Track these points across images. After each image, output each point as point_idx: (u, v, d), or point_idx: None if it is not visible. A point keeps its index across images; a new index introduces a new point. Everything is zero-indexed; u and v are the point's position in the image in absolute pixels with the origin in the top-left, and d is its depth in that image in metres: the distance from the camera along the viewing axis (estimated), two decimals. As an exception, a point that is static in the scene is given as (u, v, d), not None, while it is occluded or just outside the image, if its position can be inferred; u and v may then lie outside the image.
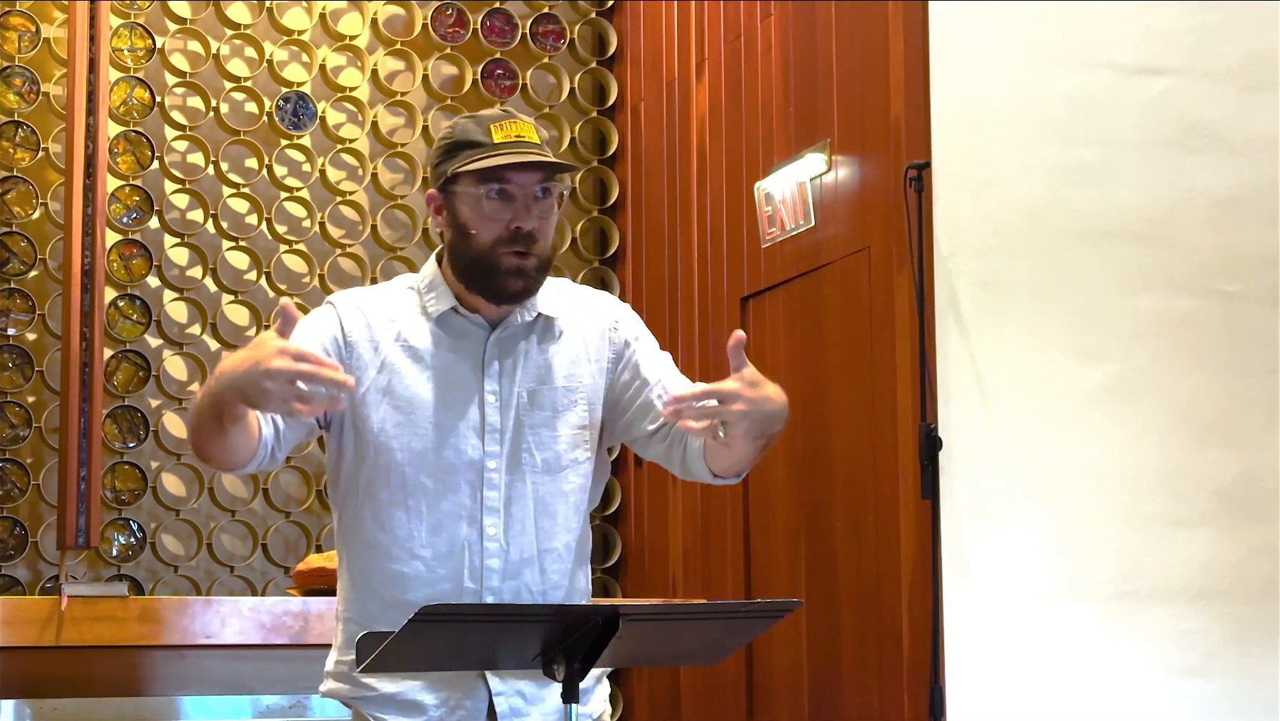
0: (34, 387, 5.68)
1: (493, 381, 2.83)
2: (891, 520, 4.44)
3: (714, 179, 5.56)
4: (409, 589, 2.77)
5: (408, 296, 2.89)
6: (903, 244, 4.40)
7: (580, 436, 2.87)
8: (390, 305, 2.87)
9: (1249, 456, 4.53)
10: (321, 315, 2.87)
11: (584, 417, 2.88)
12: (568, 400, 2.86)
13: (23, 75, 5.75)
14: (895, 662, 4.40)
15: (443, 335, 2.84)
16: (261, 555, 5.85)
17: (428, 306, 2.86)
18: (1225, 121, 4.61)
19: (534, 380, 2.85)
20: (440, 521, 2.79)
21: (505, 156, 2.75)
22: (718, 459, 2.82)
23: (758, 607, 3.19)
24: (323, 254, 6.01)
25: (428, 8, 6.17)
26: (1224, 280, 4.58)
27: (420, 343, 2.84)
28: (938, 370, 4.31)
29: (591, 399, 2.90)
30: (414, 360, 2.82)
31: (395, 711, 2.79)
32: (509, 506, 2.81)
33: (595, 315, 2.95)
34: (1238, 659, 4.44)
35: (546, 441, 2.84)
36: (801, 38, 5.05)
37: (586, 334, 2.92)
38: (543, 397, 2.85)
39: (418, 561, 2.78)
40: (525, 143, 2.78)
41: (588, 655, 2.46)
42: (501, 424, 2.82)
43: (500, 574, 2.80)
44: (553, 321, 2.89)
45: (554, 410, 2.85)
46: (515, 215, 2.77)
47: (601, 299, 3.00)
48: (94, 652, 4.41)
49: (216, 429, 2.59)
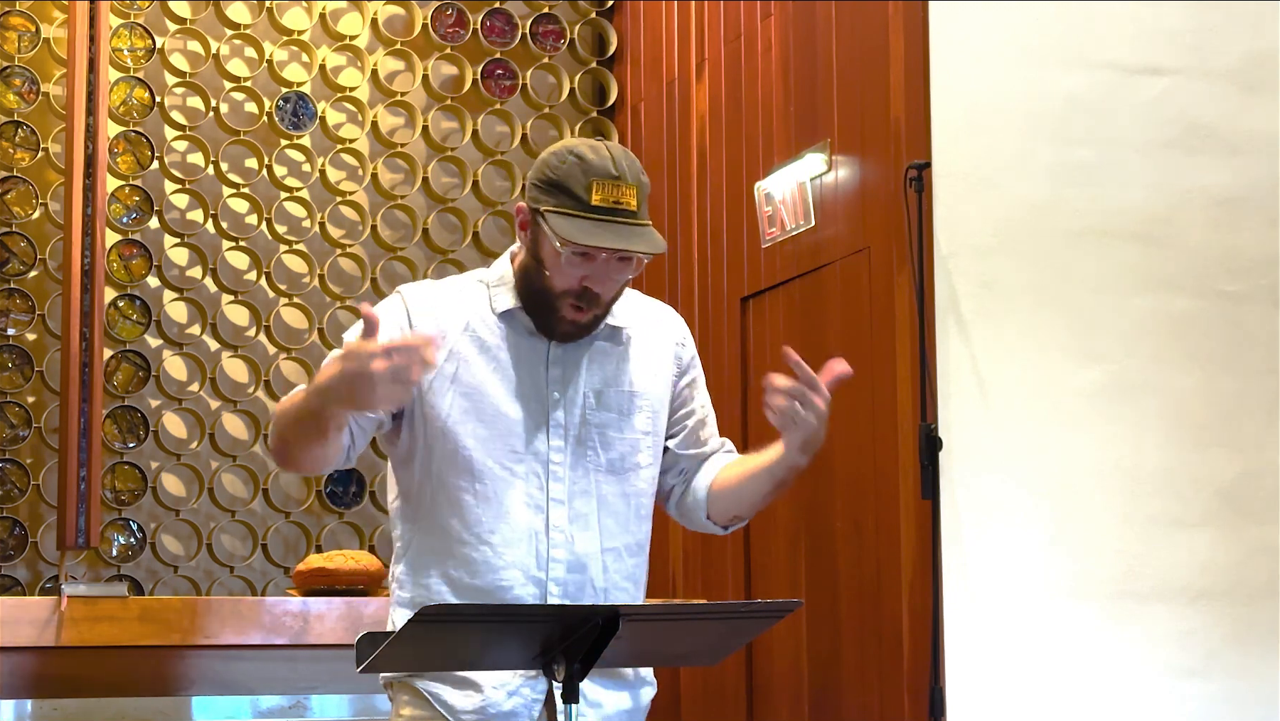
0: (34, 387, 5.68)
1: (557, 379, 2.86)
2: (891, 520, 4.44)
3: (714, 179, 5.56)
4: (476, 573, 2.80)
5: (476, 289, 2.91)
6: (903, 244, 4.40)
7: (644, 441, 2.91)
8: (458, 296, 2.90)
9: (1249, 456, 4.53)
10: (389, 305, 2.89)
11: (648, 424, 2.92)
12: (634, 404, 2.90)
13: (23, 75, 5.75)
14: (895, 662, 4.40)
15: (509, 330, 2.87)
16: (261, 555, 5.85)
17: (494, 301, 2.88)
18: (1225, 121, 4.61)
19: (600, 382, 2.89)
20: (508, 508, 2.81)
21: (593, 235, 2.73)
22: (724, 504, 2.97)
23: (758, 607, 3.19)
24: (323, 254, 6.01)
25: (428, 8, 6.17)
26: (1224, 280, 4.58)
27: (487, 335, 2.86)
28: (938, 370, 4.31)
29: (656, 408, 2.94)
30: (481, 351, 2.85)
31: (452, 685, 2.80)
32: (573, 501, 2.84)
33: (662, 328, 2.99)
34: (1238, 659, 4.44)
35: (612, 442, 2.88)
36: (801, 38, 5.05)
37: (653, 345, 2.96)
38: (609, 399, 2.88)
39: (485, 547, 2.80)
40: (621, 210, 2.76)
41: (588, 655, 2.46)
42: (566, 420, 2.85)
43: (566, 565, 2.82)
44: (619, 330, 2.92)
45: (620, 412, 2.89)
46: (591, 276, 2.78)
47: (666, 312, 3.04)
48: (94, 652, 4.41)
49: (318, 440, 2.68)
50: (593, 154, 2.78)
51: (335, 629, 4.49)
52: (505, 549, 2.80)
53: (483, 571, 2.80)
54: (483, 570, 2.80)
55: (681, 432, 2.99)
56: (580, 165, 2.76)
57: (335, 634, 4.47)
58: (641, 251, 2.77)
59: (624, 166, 2.79)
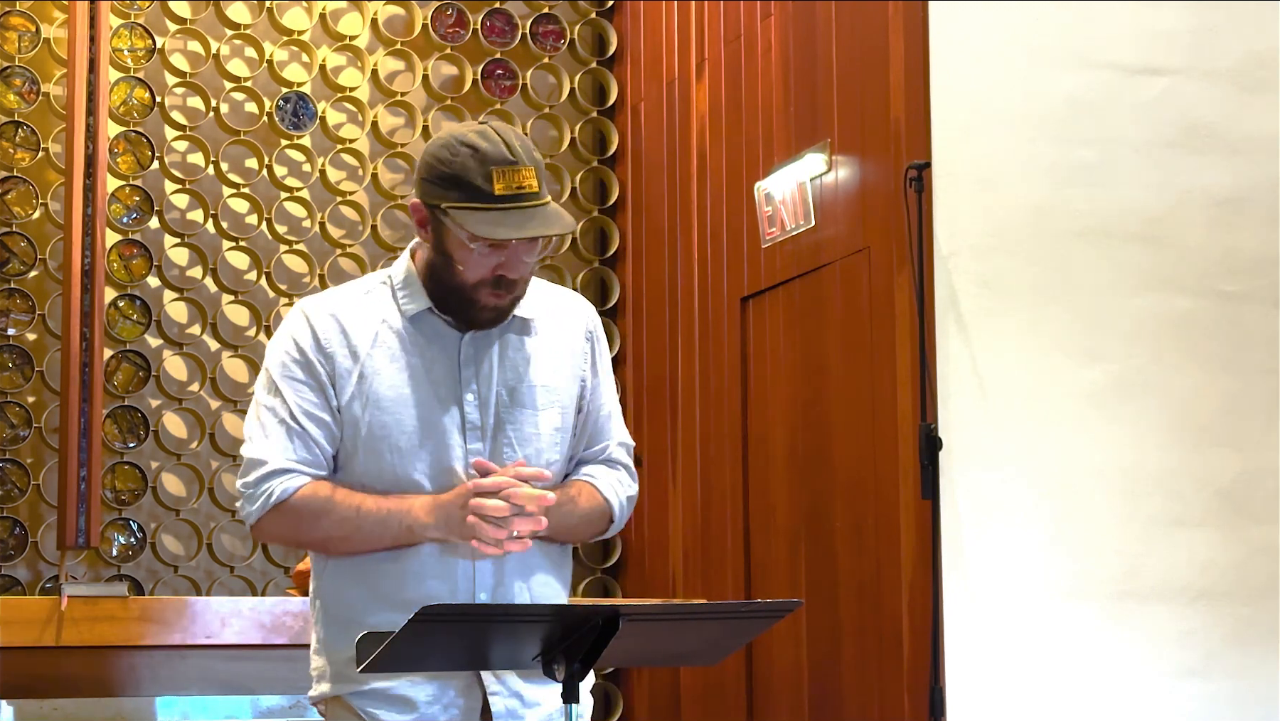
0: (34, 387, 5.68)
1: (470, 379, 2.83)
2: (891, 520, 4.44)
3: (714, 179, 5.56)
4: (405, 586, 2.78)
5: (380, 293, 2.87)
6: (903, 244, 4.40)
7: (555, 437, 2.88)
8: (363, 306, 2.86)
9: (1249, 456, 4.53)
10: (294, 327, 2.87)
11: (559, 418, 2.88)
12: (546, 399, 2.87)
13: (23, 75, 5.75)
14: (895, 662, 4.40)
15: (418, 334, 2.84)
16: (261, 555, 5.85)
17: (403, 306, 2.85)
18: (1225, 121, 4.61)
19: (513, 378, 2.85)
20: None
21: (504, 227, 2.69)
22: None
23: (758, 607, 3.19)
24: (323, 254, 6.01)
25: (428, 8, 6.17)
26: (1224, 280, 4.58)
27: (396, 344, 2.83)
28: (938, 370, 4.31)
29: (565, 404, 2.90)
30: (391, 360, 2.82)
31: (386, 706, 2.79)
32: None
33: (571, 319, 2.95)
34: (1238, 659, 4.44)
35: (528, 438, 2.85)
36: (801, 38, 5.05)
37: (563, 337, 2.92)
38: (522, 395, 2.85)
39: (413, 559, 2.79)
40: (524, 195, 2.70)
41: (588, 655, 2.46)
42: (482, 421, 2.83)
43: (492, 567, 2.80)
44: (528, 322, 2.89)
45: (534, 408, 2.86)
46: (504, 264, 2.75)
47: (575, 301, 2.99)
48: (94, 652, 4.41)
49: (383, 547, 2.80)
50: (484, 141, 2.71)
51: (335, 629, 4.48)
52: (434, 558, 2.79)
53: (411, 583, 2.78)
54: (411, 582, 2.78)
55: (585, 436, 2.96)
56: (475, 155, 2.70)
57: (335, 634, 4.46)
58: (556, 233, 2.75)
59: (518, 149, 2.72)
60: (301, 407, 2.81)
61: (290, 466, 2.81)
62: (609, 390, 2.99)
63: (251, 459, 2.84)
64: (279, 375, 2.85)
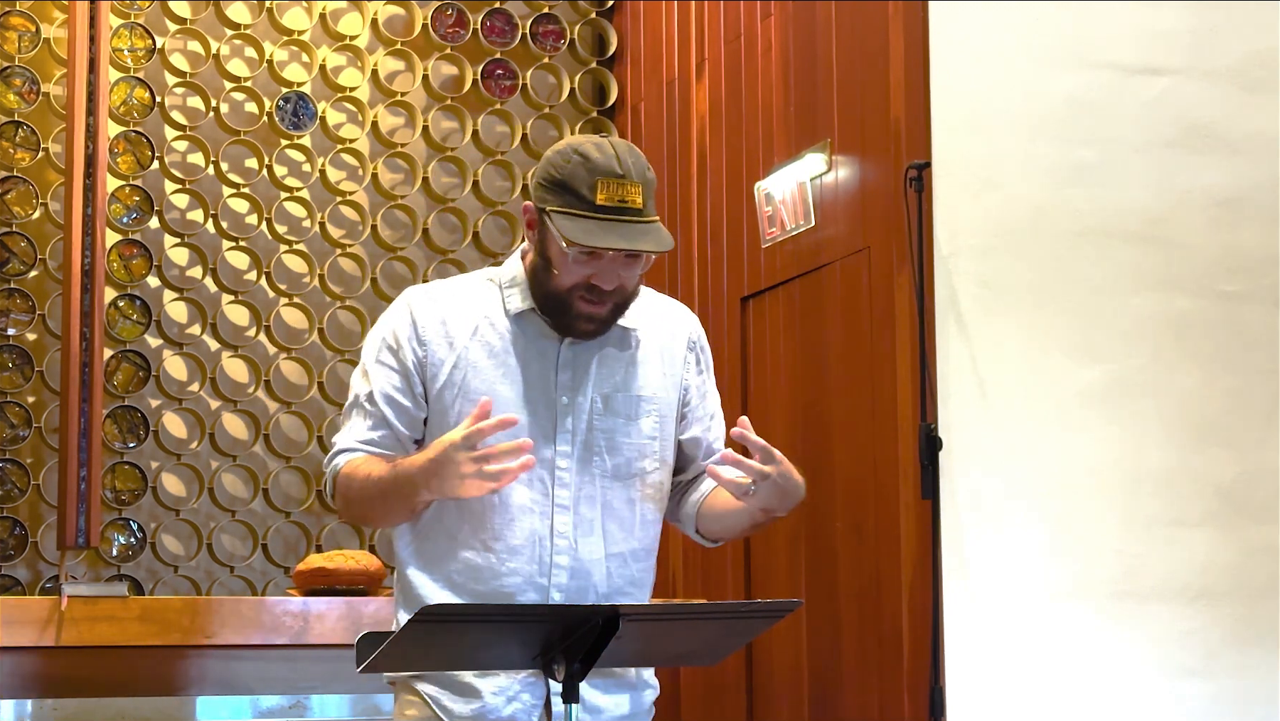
0: (34, 387, 5.68)
1: (566, 383, 2.86)
2: (891, 520, 4.44)
3: (714, 179, 5.56)
4: (479, 578, 2.80)
5: (487, 290, 2.91)
6: (903, 244, 4.40)
7: (650, 446, 2.90)
8: (468, 299, 2.90)
9: (1249, 456, 4.53)
10: (396, 313, 2.91)
11: (655, 429, 2.90)
12: (641, 409, 2.89)
13: (23, 75, 5.75)
14: (895, 662, 4.40)
15: (520, 333, 2.87)
16: (261, 555, 5.85)
17: (507, 303, 2.88)
18: (1225, 121, 4.61)
19: (609, 386, 2.87)
20: (513, 515, 2.82)
21: (598, 236, 2.73)
22: (710, 525, 2.94)
23: (758, 607, 3.19)
24: (323, 254, 6.01)
25: (428, 8, 6.17)
26: (1224, 280, 4.58)
27: (496, 340, 2.86)
28: (938, 370, 4.31)
29: (664, 412, 2.92)
30: (490, 356, 2.85)
31: (450, 692, 2.80)
32: (578, 506, 2.84)
33: (674, 329, 2.97)
34: (1238, 659, 4.44)
35: (619, 447, 2.87)
36: (801, 38, 5.05)
37: (665, 347, 2.95)
38: (616, 404, 2.87)
39: (490, 552, 2.81)
40: (627, 209, 2.75)
41: (588, 655, 2.47)
42: (574, 425, 2.85)
43: (569, 571, 2.82)
44: (630, 332, 2.91)
45: (627, 417, 2.88)
46: (598, 274, 2.78)
47: (680, 312, 3.02)
48: (94, 652, 4.41)
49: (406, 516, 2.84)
50: (597, 152, 2.77)
51: (335, 629, 4.50)
52: (509, 555, 2.81)
53: (486, 576, 2.80)
54: (486, 575, 2.80)
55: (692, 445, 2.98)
56: (585, 164, 2.75)
57: (335, 634, 4.47)
58: (647, 250, 2.77)
59: (629, 164, 2.78)
60: (383, 391, 2.85)
61: (353, 446, 2.86)
62: (715, 400, 3.03)
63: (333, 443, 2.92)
64: (370, 360, 2.90)
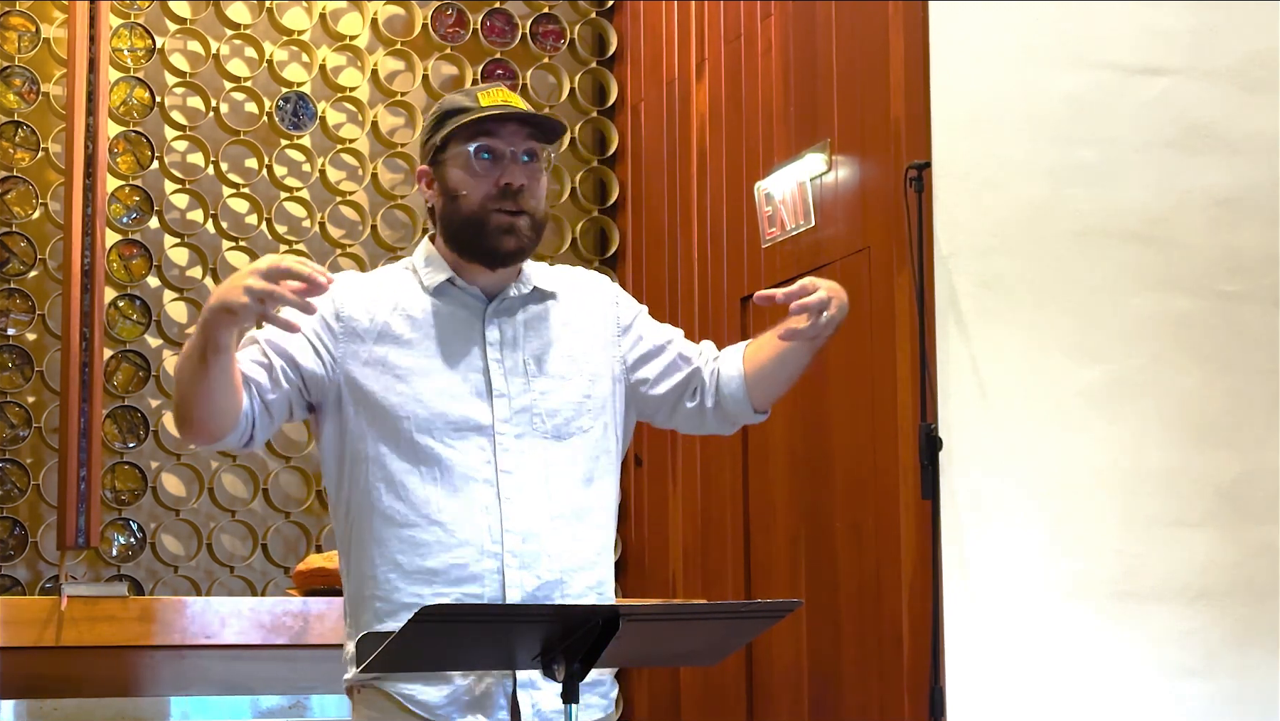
0: (34, 387, 5.68)
1: (495, 348, 2.88)
2: (891, 520, 4.44)
3: (714, 179, 5.56)
4: (429, 555, 2.78)
5: (405, 275, 2.97)
6: (903, 244, 4.40)
7: (586, 405, 2.90)
8: (388, 283, 2.95)
9: (1249, 456, 4.53)
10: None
11: (588, 386, 2.92)
12: (572, 368, 2.91)
13: (23, 75, 5.75)
14: (895, 662, 4.40)
15: (441, 306, 2.90)
16: (261, 555, 5.85)
17: (424, 280, 2.92)
18: (1225, 121, 4.61)
19: (538, 347, 2.90)
20: (456, 485, 2.80)
21: (493, 119, 2.85)
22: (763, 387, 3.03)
23: (758, 607, 3.19)
24: (323, 254, 6.01)
25: (428, 8, 6.17)
26: (1224, 280, 4.58)
27: (419, 314, 2.89)
28: (938, 370, 4.31)
29: (596, 371, 2.94)
30: (413, 329, 2.88)
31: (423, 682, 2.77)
32: (521, 470, 2.83)
33: (594, 292, 3.02)
34: (1238, 659, 4.44)
35: (557, 408, 2.88)
36: (801, 38, 5.05)
37: (588, 309, 2.99)
38: (548, 364, 2.89)
39: (436, 526, 2.79)
40: (513, 105, 2.88)
41: (588, 655, 2.47)
42: (508, 388, 2.85)
43: (521, 536, 2.80)
44: (550, 295, 2.96)
45: (560, 377, 2.89)
46: (503, 173, 2.85)
47: (595, 277, 3.07)
48: (94, 652, 4.41)
49: (201, 372, 2.64)
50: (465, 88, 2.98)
51: (335, 629, 4.50)
52: (457, 526, 2.79)
53: (436, 551, 2.78)
54: (436, 550, 2.78)
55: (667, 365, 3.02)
56: (459, 91, 2.94)
57: (335, 634, 4.47)
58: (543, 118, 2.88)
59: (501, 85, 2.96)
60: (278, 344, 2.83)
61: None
62: (663, 330, 3.06)
63: None
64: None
